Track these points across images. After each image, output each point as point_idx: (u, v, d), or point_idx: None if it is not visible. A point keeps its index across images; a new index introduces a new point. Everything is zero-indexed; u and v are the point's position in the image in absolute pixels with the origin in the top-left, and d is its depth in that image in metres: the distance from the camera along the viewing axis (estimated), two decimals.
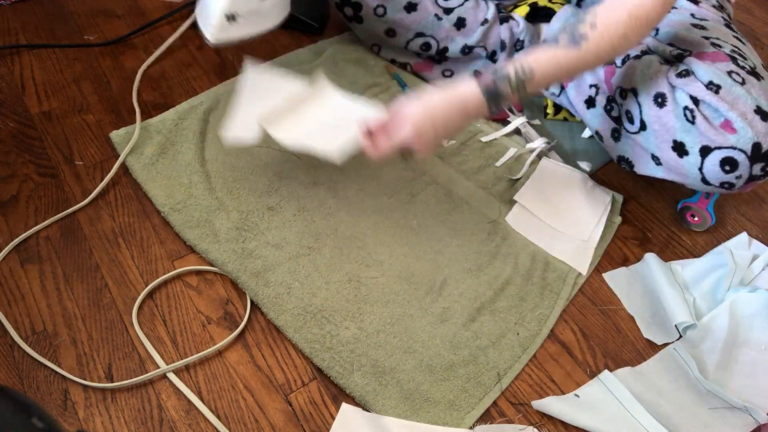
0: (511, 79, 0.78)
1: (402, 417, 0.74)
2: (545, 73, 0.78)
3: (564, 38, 0.78)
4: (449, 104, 0.79)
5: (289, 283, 0.84)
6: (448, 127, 0.80)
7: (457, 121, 0.80)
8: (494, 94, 0.78)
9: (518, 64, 0.78)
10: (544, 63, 0.78)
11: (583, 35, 0.77)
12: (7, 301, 0.81)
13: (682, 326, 0.85)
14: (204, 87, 1.09)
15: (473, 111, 0.80)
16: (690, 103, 0.81)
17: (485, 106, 0.79)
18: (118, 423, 0.73)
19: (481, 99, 0.78)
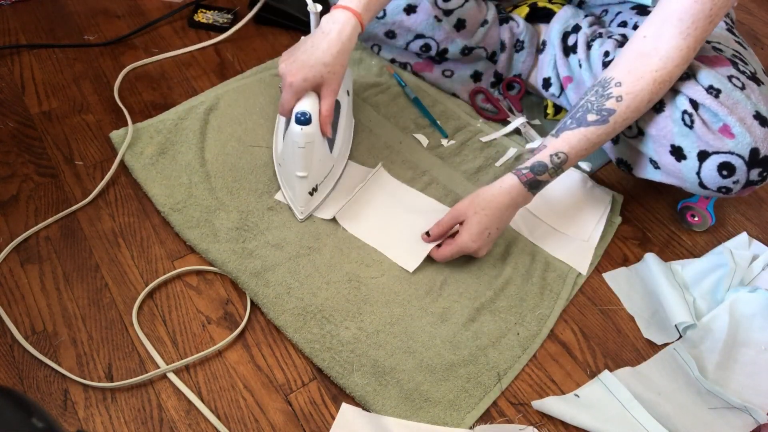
0: (548, 168, 0.83)
1: (402, 417, 0.74)
2: (578, 153, 0.83)
3: (592, 117, 0.81)
4: (500, 205, 0.84)
5: (289, 283, 0.84)
6: (501, 225, 0.86)
7: (508, 215, 0.86)
8: (535, 184, 0.84)
9: (552, 152, 0.82)
10: (576, 144, 0.82)
11: (611, 110, 0.81)
12: (7, 301, 0.81)
13: (682, 326, 0.85)
14: (204, 87, 1.09)
15: (521, 202, 0.86)
16: (689, 107, 0.81)
17: (530, 196, 0.86)
18: (118, 423, 0.73)
19: (525, 191, 0.84)
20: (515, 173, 0.84)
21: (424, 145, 1.03)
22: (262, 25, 1.22)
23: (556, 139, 0.83)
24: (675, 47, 0.78)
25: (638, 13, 1.00)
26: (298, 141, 0.82)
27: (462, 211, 0.85)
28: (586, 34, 0.99)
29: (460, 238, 0.85)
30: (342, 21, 0.81)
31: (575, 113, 0.83)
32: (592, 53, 0.97)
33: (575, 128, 0.82)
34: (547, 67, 1.03)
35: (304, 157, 0.84)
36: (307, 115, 0.80)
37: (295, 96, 0.82)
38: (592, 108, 0.82)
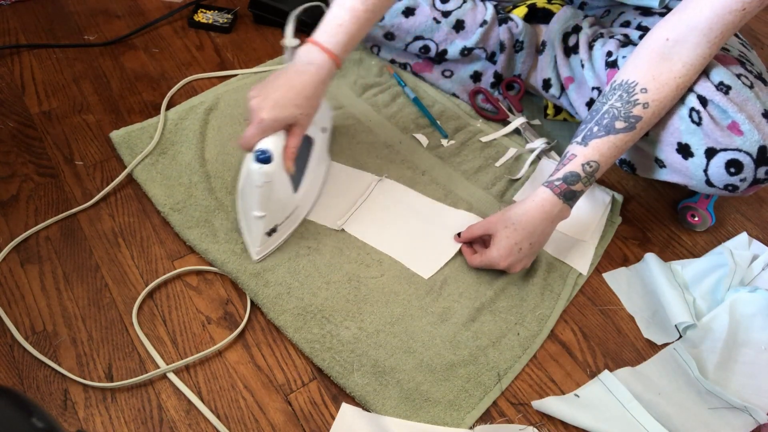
0: (582, 177, 0.82)
1: (402, 417, 0.74)
2: (608, 161, 0.82)
3: (621, 125, 0.81)
4: (532, 220, 0.82)
5: (289, 283, 0.84)
6: (534, 239, 0.84)
7: (542, 230, 0.84)
8: (570, 195, 0.83)
9: (584, 161, 0.82)
10: (606, 152, 0.82)
11: (638, 117, 0.81)
12: (7, 301, 0.81)
13: (682, 326, 0.85)
14: (204, 87, 1.09)
15: (558, 215, 0.84)
16: (697, 103, 0.81)
17: (567, 208, 0.84)
18: (118, 423, 0.73)
19: (560, 203, 0.83)
20: (548, 186, 0.83)
21: (424, 145, 1.03)
22: (262, 25, 1.22)
23: (586, 148, 0.82)
24: (700, 56, 0.78)
25: (642, 14, 1.00)
26: (256, 180, 0.77)
27: (492, 224, 0.85)
28: (587, 34, 0.99)
29: (489, 253, 0.84)
30: (318, 63, 0.79)
31: (601, 120, 0.82)
32: (594, 53, 0.96)
33: (604, 136, 0.81)
34: (547, 68, 1.03)
35: (261, 196, 0.79)
36: (268, 154, 0.76)
37: (262, 134, 0.77)
38: (619, 115, 0.81)
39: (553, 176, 0.83)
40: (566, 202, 0.83)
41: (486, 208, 0.96)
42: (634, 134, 0.82)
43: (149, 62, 1.13)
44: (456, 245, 0.91)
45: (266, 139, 0.78)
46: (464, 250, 0.89)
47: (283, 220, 0.86)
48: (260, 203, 0.80)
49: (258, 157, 0.76)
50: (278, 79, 0.79)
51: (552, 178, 0.83)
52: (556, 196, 0.82)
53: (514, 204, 0.85)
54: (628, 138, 0.81)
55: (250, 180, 0.79)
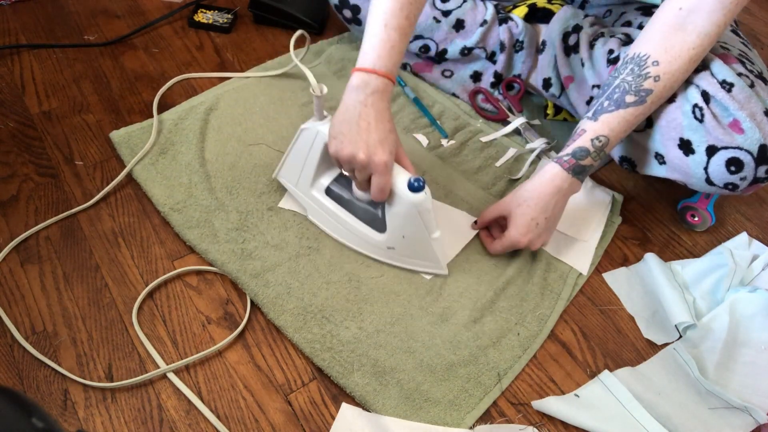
0: (590, 152, 0.82)
1: (402, 417, 0.74)
2: (617, 135, 0.82)
3: (631, 99, 0.80)
4: (542, 194, 0.83)
5: (289, 283, 0.84)
6: (549, 214, 0.84)
7: (554, 204, 0.84)
8: (579, 169, 0.83)
9: (593, 136, 0.81)
10: (616, 127, 0.81)
11: (649, 90, 0.80)
12: (7, 301, 0.81)
13: (682, 326, 0.85)
14: (204, 87, 1.09)
15: (568, 189, 0.84)
16: (700, 100, 0.81)
17: (577, 182, 0.84)
18: (118, 423, 0.73)
19: (570, 178, 0.83)
20: (557, 161, 0.83)
21: (424, 145, 1.03)
22: (262, 25, 1.22)
23: (596, 123, 0.82)
24: (714, 23, 0.77)
25: (643, 14, 1.00)
26: (427, 206, 0.79)
27: (506, 205, 0.86)
28: (588, 33, 0.99)
29: (509, 233, 0.85)
30: (381, 89, 0.77)
31: (612, 94, 0.82)
32: (595, 52, 0.96)
33: (614, 110, 0.81)
34: (547, 68, 1.03)
35: (433, 218, 0.81)
36: (421, 180, 0.78)
37: (390, 174, 0.78)
38: (630, 89, 0.80)
39: (562, 152, 0.83)
40: (575, 177, 0.83)
41: (486, 208, 0.96)
42: (645, 108, 0.81)
43: (149, 62, 1.13)
44: (458, 245, 0.91)
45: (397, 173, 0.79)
46: (483, 239, 0.91)
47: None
48: (435, 224, 0.82)
49: (419, 187, 0.78)
50: (357, 123, 0.77)
51: (561, 153, 0.83)
52: (565, 171, 0.83)
53: (524, 183, 0.85)
54: (638, 112, 0.81)
55: (420, 210, 0.79)
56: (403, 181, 0.78)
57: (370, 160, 0.76)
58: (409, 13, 0.79)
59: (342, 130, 0.77)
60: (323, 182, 0.89)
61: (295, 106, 1.06)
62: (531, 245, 0.85)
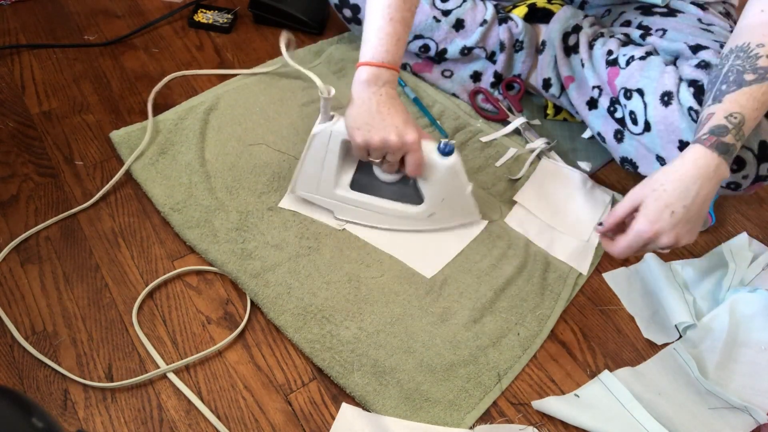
0: (730, 129, 0.71)
1: (402, 417, 0.74)
2: (752, 114, 0.73)
3: (750, 76, 0.73)
4: (683, 177, 0.72)
5: (289, 283, 0.84)
6: (689, 202, 0.72)
7: (697, 190, 0.71)
8: (724, 148, 0.71)
9: (725, 113, 0.72)
10: (747, 104, 0.72)
11: (767, 68, 0.73)
12: (7, 301, 0.81)
13: (682, 326, 0.85)
14: (204, 87, 1.09)
15: (716, 173, 0.72)
16: (694, 103, 0.81)
17: (724, 163, 0.72)
18: (118, 423, 0.73)
19: (716, 158, 0.71)
20: (697, 141, 0.72)
21: None
22: (262, 25, 1.22)
23: (722, 104, 0.73)
24: None
25: (643, 14, 1.00)
26: (459, 166, 0.84)
27: (638, 193, 0.74)
28: (588, 34, 0.99)
29: (636, 223, 0.73)
30: (391, 81, 0.81)
31: (726, 78, 0.75)
32: (595, 53, 0.96)
33: (737, 90, 0.73)
34: (547, 68, 1.03)
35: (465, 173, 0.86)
36: (451, 143, 0.83)
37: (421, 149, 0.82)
38: (744, 69, 0.74)
39: (698, 134, 0.73)
40: (721, 156, 0.71)
41: (486, 208, 0.96)
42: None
43: (149, 62, 1.13)
44: (458, 246, 0.90)
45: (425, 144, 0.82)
46: (604, 242, 0.80)
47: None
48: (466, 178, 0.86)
49: (450, 150, 0.83)
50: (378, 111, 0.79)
51: (698, 135, 0.73)
52: (708, 150, 0.71)
53: (660, 168, 0.75)
54: (764, 89, 0.72)
55: (454, 170, 0.84)
56: (432, 149, 0.83)
57: (403, 140, 0.79)
58: (411, 5, 0.81)
59: (366, 120, 0.79)
60: (345, 179, 0.90)
61: (295, 106, 1.06)
62: (660, 238, 0.72)
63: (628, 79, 0.90)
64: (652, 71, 0.87)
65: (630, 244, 0.74)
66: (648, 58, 0.90)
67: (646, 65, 0.89)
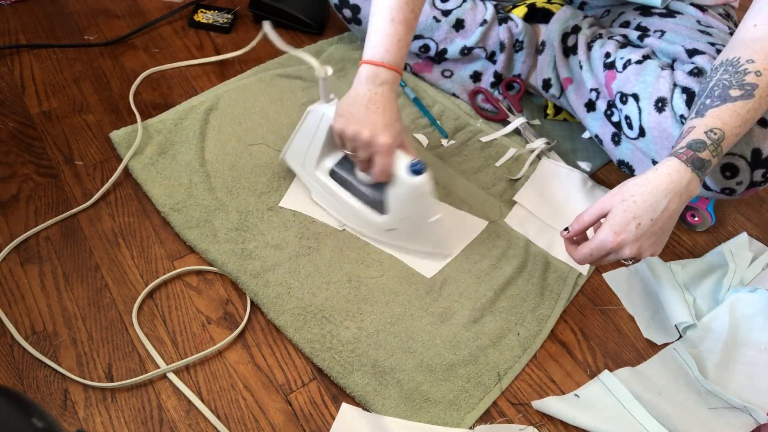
0: (708, 144, 0.71)
1: (402, 417, 0.74)
2: (733, 131, 0.72)
3: (736, 92, 0.73)
4: (654, 190, 0.71)
5: (289, 283, 0.84)
6: (657, 216, 0.71)
7: (666, 204, 0.71)
8: (699, 163, 0.71)
9: (705, 129, 0.72)
10: (729, 120, 0.72)
11: (753, 84, 0.73)
12: (7, 301, 0.81)
13: (682, 326, 0.85)
14: (204, 87, 1.09)
15: (686, 189, 0.71)
16: (686, 111, 0.81)
17: (696, 180, 0.71)
18: (118, 423, 0.73)
19: (689, 173, 0.71)
20: (673, 155, 0.72)
21: (424, 145, 1.03)
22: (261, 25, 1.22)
23: (703, 118, 0.73)
24: None
25: (641, 14, 1.00)
26: (427, 189, 0.81)
27: (607, 202, 0.74)
28: (586, 35, 0.99)
29: (601, 231, 0.73)
30: (390, 81, 0.80)
31: (711, 93, 0.74)
32: (593, 54, 0.97)
33: (720, 105, 0.73)
34: (546, 68, 1.03)
35: (433, 201, 0.83)
36: (421, 163, 0.80)
37: (392, 157, 0.80)
38: (731, 84, 0.74)
39: (675, 146, 0.73)
40: (695, 172, 0.71)
41: (486, 208, 0.96)
42: (755, 102, 0.72)
43: (149, 62, 1.13)
44: (458, 245, 0.90)
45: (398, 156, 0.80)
46: (567, 247, 0.79)
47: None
48: (434, 207, 0.84)
49: (418, 170, 0.79)
50: (366, 106, 0.79)
51: (675, 147, 0.73)
52: (683, 164, 0.71)
53: (633, 177, 0.74)
54: (749, 106, 0.72)
55: (419, 193, 0.81)
56: (403, 163, 0.80)
57: (374, 139, 0.78)
58: (414, 6, 0.81)
59: (350, 110, 0.80)
60: (327, 164, 0.90)
61: (295, 106, 1.06)
62: (623, 249, 0.72)
63: (624, 83, 0.90)
64: (648, 76, 0.87)
65: (592, 252, 0.74)
66: (645, 62, 0.89)
67: (643, 69, 0.88)
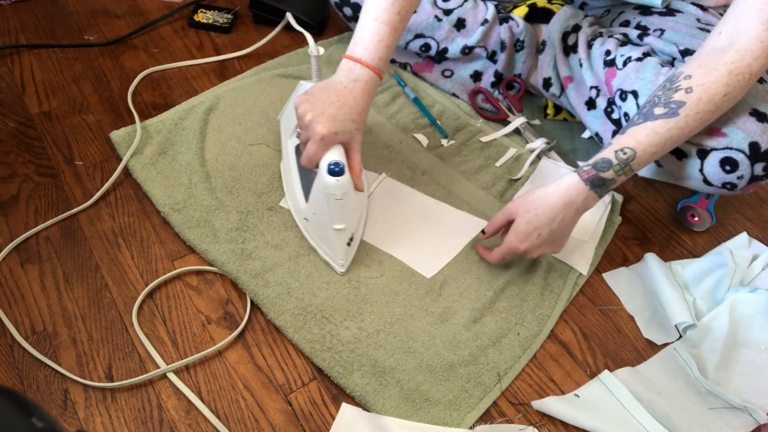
0: (614, 164, 0.76)
1: (402, 417, 0.74)
2: (646, 149, 0.76)
3: (660, 110, 0.76)
4: (553, 204, 0.78)
5: (289, 284, 0.84)
6: (555, 226, 0.79)
7: (563, 216, 0.78)
8: (599, 182, 0.77)
9: (617, 147, 0.76)
10: (644, 140, 0.75)
11: (680, 102, 0.75)
12: (7, 301, 0.81)
13: (682, 326, 0.85)
14: (204, 87, 1.09)
15: (582, 204, 0.78)
16: None
17: (593, 196, 0.78)
18: (118, 423, 0.73)
19: (586, 190, 0.77)
20: (576, 171, 0.78)
21: (424, 145, 1.03)
22: (262, 25, 1.22)
23: (623, 136, 0.77)
24: (755, 38, 0.73)
25: (641, 14, 1.00)
26: (335, 193, 0.78)
27: (513, 209, 0.82)
28: (587, 33, 0.99)
29: (507, 239, 0.81)
30: (364, 79, 0.79)
31: (642, 109, 0.78)
32: (593, 53, 0.97)
33: (642, 123, 0.76)
34: (547, 67, 1.03)
35: (341, 209, 0.80)
36: (341, 165, 0.77)
37: (325, 149, 0.78)
38: (659, 101, 0.76)
39: (585, 162, 0.78)
40: (593, 190, 0.77)
41: (486, 208, 0.96)
42: (679, 121, 0.75)
43: (149, 62, 1.13)
44: (458, 245, 0.90)
45: (332, 153, 0.78)
46: (480, 251, 0.88)
47: (356, 227, 0.87)
48: (340, 216, 0.81)
49: (333, 171, 0.77)
50: (329, 95, 0.78)
51: (583, 164, 0.78)
52: (582, 182, 0.77)
53: (539, 187, 0.81)
54: (671, 125, 0.75)
55: (326, 194, 0.79)
56: (327, 160, 0.78)
57: (312, 125, 0.77)
58: (401, 9, 0.80)
59: (314, 92, 0.79)
60: (296, 139, 0.91)
61: None
62: (528, 253, 0.82)
63: (624, 81, 0.90)
64: (647, 73, 0.88)
65: (503, 256, 0.84)
66: (645, 59, 0.89)
67: (642, 67, 0.89)
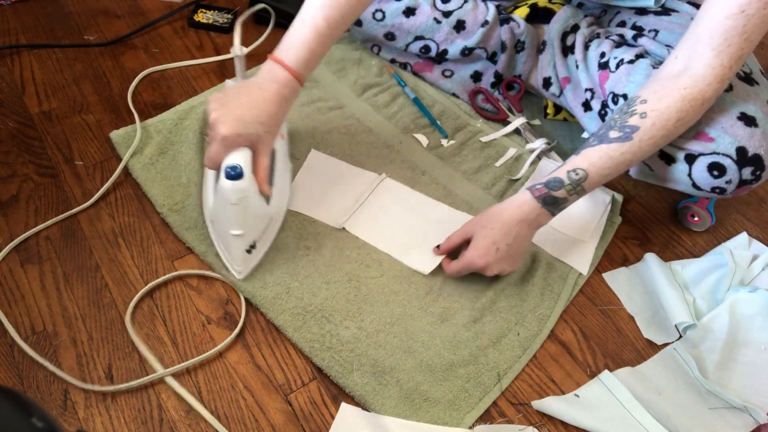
0: (565, 184, 0.79)
1: (402, 417, 0.74)
2: (599, 171, 0.78)
3: (614, 134, 0.78)
4: (508, 219, 0.81)
5: (288, 284, 0.84)
6: (512, 241, 0.81)
7: (518, 231, 0.81)
8: (550, 200, 0.80)
9: (570, 168, 0.79)
10: (597, 162, 0.78)
11: (634, 127, 0.77)
12: (7, 301, 0.81)
13: (682, 326, 0.85)
14: (204, 87, 1.09)
15: (535, 221, 0.81)
16: None
17: (546, 213, 0.81)
18: (118, 423, 0.73)
19: (538, 208, 0.80)
20: (529, 188, 0.81)
21: (424, 145, 1.03)
22: (262, 25, 1.22)
23: (577, 157, 0.80)
24: (706, 65, 0.74)
25: (637, 14, 1.00)
26: (230, 197, 0.75)
27: (470, 227, 0.84)
28: (584, 34, 0.99)
29: (467, 254, 0.83)
30: (282, 81, 0.78)
31: (598, 131, 0.81)
32: (589, 54, 0.97)
33: (596, 145, 0.79)
34: (547, 67, 1.03)
35: (237, 214, 0.77)
36: (238, 169, 0.73)
37: (227, 150, 0.75)
38: (614, 125, 0.79)
39: (537, 181, 0.81)
40: (545, 207, 0.80)
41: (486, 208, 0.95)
42: (632, 145, 0.77)
43: (149, 62, 1.13)
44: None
45: (234, 155, 0.75)
46: (443, 262, 0.87)
47: (260, 234, 0.84)
48: (237, 221, 0.78)
49: (229, 174, 0.73)
50: (240, 94, 0.77)
51: (536, 182, 0.81)
52: (534, 200, 0.80)
53: (493, 206, 0.84)
54: (624, 149, 0.77)
55: (223, 198, 0.76)
56: (226, 162, 0.75)
57: (215, 124, 0.75)
58: (329, 17, 0.79)
59: (229, 91, 0.78)
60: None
61: (295, 106, 1.06)
62: (487, 269, 0.82)
63: (616, 84, 0.90)
64: (638, 75, 0.87)
65: (461, 270, 0.84)
66: (637, 61, 0.89)
67: (634, 69, 0.88)
